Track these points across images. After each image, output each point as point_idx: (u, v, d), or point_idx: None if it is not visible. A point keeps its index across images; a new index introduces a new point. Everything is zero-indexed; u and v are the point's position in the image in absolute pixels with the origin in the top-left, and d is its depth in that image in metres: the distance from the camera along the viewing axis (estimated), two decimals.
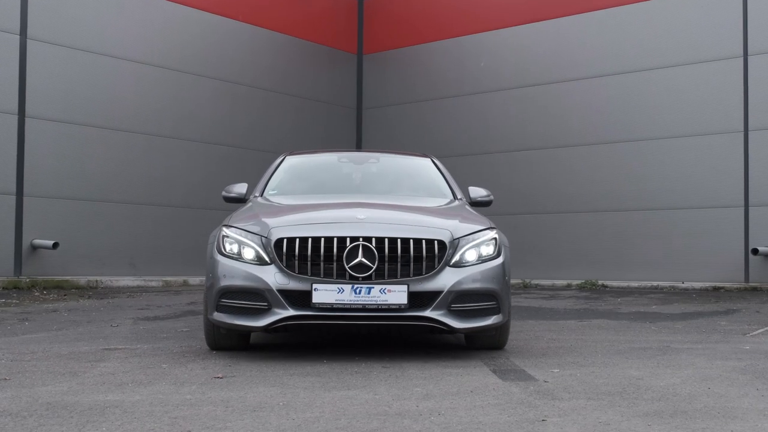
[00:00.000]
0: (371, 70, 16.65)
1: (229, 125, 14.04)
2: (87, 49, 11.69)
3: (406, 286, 4.73)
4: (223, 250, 5.02)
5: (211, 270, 5.06)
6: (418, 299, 4.79)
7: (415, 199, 5.99)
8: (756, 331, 6.48)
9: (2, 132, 10.67)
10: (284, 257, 4.76)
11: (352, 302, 4.66)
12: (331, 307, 4.66)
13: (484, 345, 5.30)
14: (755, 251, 11.14)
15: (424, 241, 4.80)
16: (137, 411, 3.23)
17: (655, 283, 12.11)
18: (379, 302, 4.70)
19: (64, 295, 9.72)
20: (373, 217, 5.01)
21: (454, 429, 2.95)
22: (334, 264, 4.69)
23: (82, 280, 11.31)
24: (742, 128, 11.53)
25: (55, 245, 10.86)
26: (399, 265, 4.70)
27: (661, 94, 12.40)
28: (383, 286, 4.69)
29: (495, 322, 4.93)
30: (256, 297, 4.83)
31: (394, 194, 6.09)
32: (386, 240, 4.74)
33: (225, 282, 4.90)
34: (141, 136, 12.42)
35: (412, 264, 4.76)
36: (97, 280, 11.48)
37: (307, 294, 4.74)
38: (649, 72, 12.45)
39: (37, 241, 10.63)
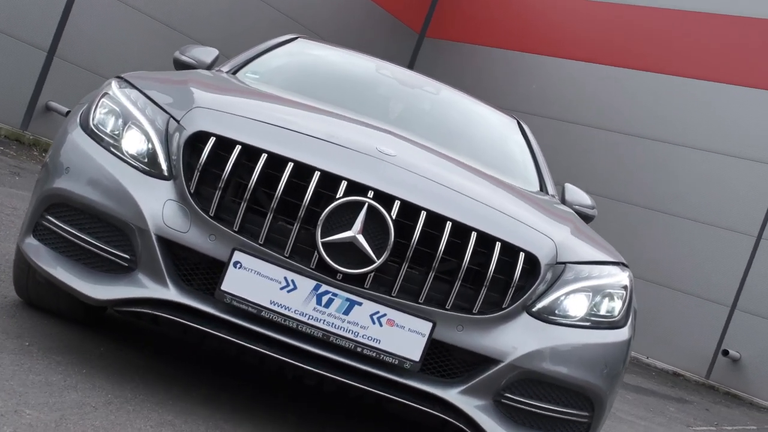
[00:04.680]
0: (427, 53, 15.25)
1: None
2: None
3: (430, 325, 2.03)
4: (90, 121, 2.32)
5: (52, 152, 2.46)
6: (442, 359, 2.12)
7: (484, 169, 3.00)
8: (699, 427, 6.33)
9: None
10: (198, 173, 2.08)
11: (306, 320, 1.98)
12: (256, 314, 1.99)
13: None
14: (725, 352, 10.83)
15: (499, 243, 2.09)
16: None
17: None
18: (360, 339, 2.01)
19: None
20: (409, 160, 2.24)
21: None
22: (297, 226, 2.01)
23: None
24: (756, 233, 10.80)
25: (68, 113, 8.90)
26: (431, 273, 2.04)
27: (688, 173, 11.34)
28: (382, 309, 2.01)
29: None
30: (113, 238, 2.13)
31: (450, 149, 3.00)
32: (423, 213, 2.04)
33: (63, 183, 2.18)
34: None
35: (459, 281, 2.07)
36: None
37: (218, 267, 2.13)
38: (683, 149, 11.36)
39: (53, 104, 9.78)
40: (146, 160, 2.20)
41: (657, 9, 12.08)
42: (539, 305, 2.19)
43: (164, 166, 2.17)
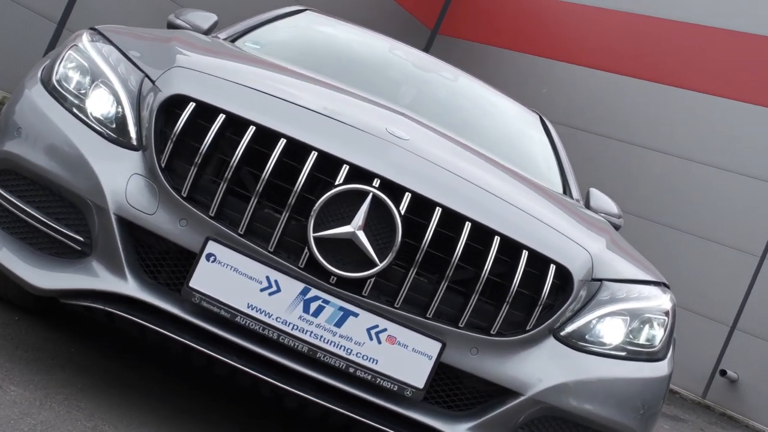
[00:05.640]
0: (439, 50, 14.75)
1: None
2: None
3: (438, 345, 1.68)
4: (52, 76, 1.93)
5: (6, 110, 2.07)
6: (451, 388, 1.75)
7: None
8: None
9: None
10: (172, 144, 1.71)
11: (290, 330, 1.61)
12: (229, 319, 1.62)
13: None
14: (723, 372, 10.58)
15: (526, 252, 1.72)
16: None
17: None
18: (354, 357, 1.65)
19: None
20: (423, 146, 1.86)
21: None
22: (286, 215, 1.64)
23: None
24: (760, 253, 10.49)
25: None
26: (443, 283, 1.67)
27: (693, 187, 11.04)
28: (382, 322, 1.65)
29: None
30: (67, 216, 1.76)
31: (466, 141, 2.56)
32: (438, 209, 1.67)
33: (12, 147, 1.80)
34: None
35: (476, 294, 1.72)
36: None
37: (188, 259, 1.79)
38: (689, 162, 10.98)
39: None
40: (113, 126, 1.83)
41: (666, 20, 11.76)
42: (569, 328, 1.83)
43: (133, 133, 1.80)
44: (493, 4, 14.64)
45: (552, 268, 1.74)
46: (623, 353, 1.88)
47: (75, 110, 1.86)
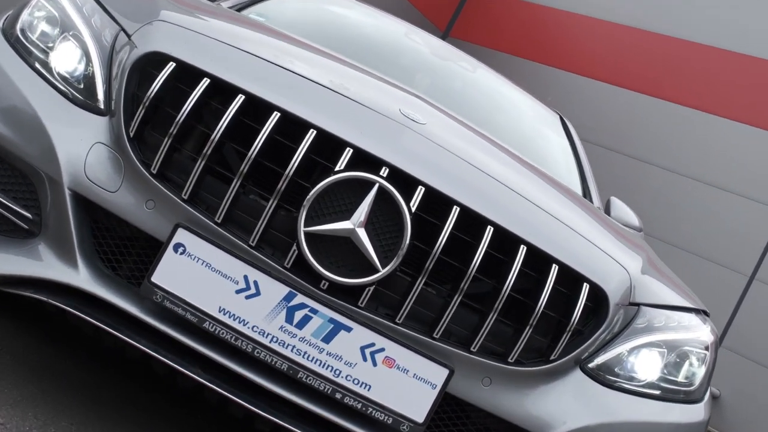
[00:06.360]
0: None
1: None
2: None
3: (445, 373, 1.38)
4: (15, 25, 1.59)
5: None
6: (457, 425, 1.44)
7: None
8: None
9: None
10: (144, 110, 1.40)
11: (268, 342, 1.31)
12: (196, 324, 1.32)
13: None
14: None
15: (556, 266, 1.42)
16: None
17: None
18: (342, 380, 1.34)
19: None
20: (442, 134, 1.54)
21: None
22: (274, 203, 1.34)
23: None
24: (749, 273, 10.01)
25: None
26: (456, 296, 1.37)
27: (686, 203, 10.56)
28: (379, 340, 1.35)
29: None
30: (14, 187, 1.44)
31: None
32: (456, 209, 1.36)
33: None
34: None
35: (494, 313, 1.44)
36: None
37: (153, 249, 1.50)
38: (684, 178, 10.57)
39: None
40: (81, 86, 1.54)
41: (672, 38, 11.58)
42: (598, 360, 1.54)
43: (101, 95, 1.52)
44: (507, 12, 14.51)
45: (585, 287, 1.45)
46: (657, 391, 1.59)
47: (37, 65, 1.57)
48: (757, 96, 10.64)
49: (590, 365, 1.53)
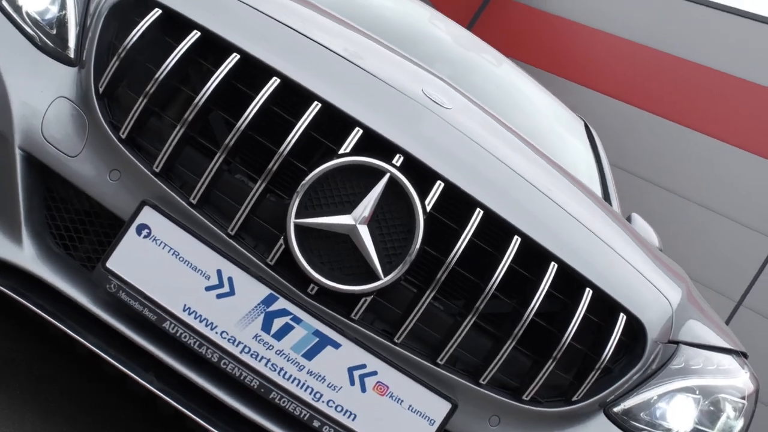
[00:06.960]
0: None
1: None
2: None
3: (447, 407, 1.16)
4: None
5: None
6: None
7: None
8: None
9: None
10: (118, 62, 1.15)
11: (238, 352, 1.07)
12: (154, 323, 1.08)
13: None
14: None
15: (589, 291, 1.19)
16: None
17: None
18: (323, 406, 1.09)
19: None
20: (468, 122, 1.29)
21: None
22: (262, 186, 1.10)
23: None
24: (737, 299, 9.70)
25: None
26: (470, 317, 1.12)
27: (681, 224, 10.09)
28: (372, 362, 1.13)
29: None
30: None
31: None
32: (479, 212, 1.12)
33: None
34: None
35: (513, 340, 1.15)
36: None
37: (113, 228, 1.28)
38: (680, 199, 10.16)
39: None
40: (53, 32, 1.31)
41: (679, 59, 11.45)
42: (626, 404, 1.31)
43: (73, 41, 1.28)
44: (527, 21, 14.44)
45: (622, 318, 1.22)
46: None
47: (4, 3, 1.33)
48: (755, 122, 10.52)
49: (615, 409, 1.30)
